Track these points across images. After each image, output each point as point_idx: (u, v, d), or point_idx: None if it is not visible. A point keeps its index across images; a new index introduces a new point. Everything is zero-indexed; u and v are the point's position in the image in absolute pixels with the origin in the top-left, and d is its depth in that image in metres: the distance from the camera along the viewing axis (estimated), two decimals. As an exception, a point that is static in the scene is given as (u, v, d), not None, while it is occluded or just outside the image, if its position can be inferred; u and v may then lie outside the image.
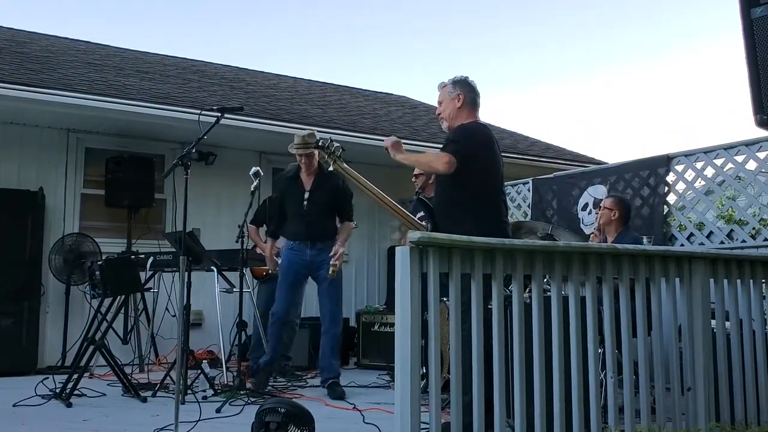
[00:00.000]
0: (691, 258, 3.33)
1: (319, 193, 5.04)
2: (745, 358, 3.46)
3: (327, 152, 4.01)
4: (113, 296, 5.20)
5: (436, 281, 2.59)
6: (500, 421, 2.67)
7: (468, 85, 3.90)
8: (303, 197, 5.02)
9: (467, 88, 3.89)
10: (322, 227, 5.05)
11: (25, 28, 9.32)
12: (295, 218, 5.07)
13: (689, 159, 5.63)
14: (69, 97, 6.09)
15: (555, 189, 6.93)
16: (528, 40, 39.77)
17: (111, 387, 5.10)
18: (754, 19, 3.03)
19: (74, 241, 6.44)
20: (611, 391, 3.08)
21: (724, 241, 5.35)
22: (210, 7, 35.73)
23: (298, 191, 5.07)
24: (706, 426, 3.15)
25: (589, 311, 2.97)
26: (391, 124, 8.79)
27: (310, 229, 5.01)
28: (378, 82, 42.75)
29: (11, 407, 4.36)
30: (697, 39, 41.02)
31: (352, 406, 4.49)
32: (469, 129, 3.79)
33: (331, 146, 4.01)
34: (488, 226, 3.55)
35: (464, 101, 3.85)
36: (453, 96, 3.87)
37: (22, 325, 6.04)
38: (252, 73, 10.47)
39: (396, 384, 2.52)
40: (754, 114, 3.03)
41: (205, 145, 6.16)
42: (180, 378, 3.82)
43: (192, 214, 5.12)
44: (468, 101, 3.86)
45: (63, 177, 6.75)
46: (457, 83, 3.90)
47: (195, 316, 6.72)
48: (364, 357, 6.68)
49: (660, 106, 40.38)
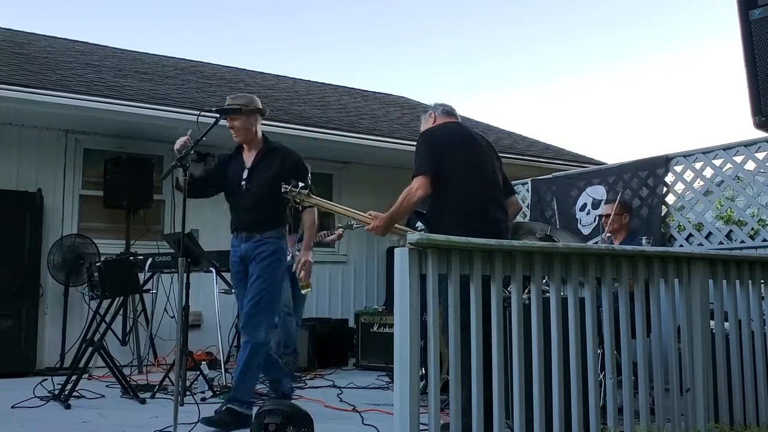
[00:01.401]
0: (690, 259, 3.33)
1: (260, 170, 4.05)
2: (744, 359, 3.46)
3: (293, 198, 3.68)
4: (112, 297, 5.19)
5: (435, 282, 2.59)
6: (499, 422, 2.67)
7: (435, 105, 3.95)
8: (241, 176, 4.08)
9: (434, 107, 3.94)
10: (262, 214, 3.99)
11: (23, 29, 9.32)
12: (232, 205, 4.17)
13: (688, 159, 5.64)
14: (67, 98, 6.08)
15: (554, 189, 6.93)
16: (527, 40, 39.81)
17: (110, 388, 5.09)
18: (752, 20, 3.03)
19: (73, 243, 6.44)
20: (610, 392, 3.08)
21: (723, 241, 5.35)
22: (209, 7, 35.75)
23: (236, 170, 4.14)
24: (705, 427, 3.15)
25: (588, 312, 2.97)
26: (390, 125, 8.79)
27: (247, 218, 4.02)
28: (377, 83, 42.77)
29: (10, 409, 4.35)
30: (696, 40, 41.06)
31: (351, 407, 4.49)
32: (424, 136, 3.74)
33: (293, 192, 3.66)
34: (464, 223, 3.44)
35: (435, 117, 3.90)
36: (426, 119, 3.94)
37: (20, 327, 6.03)
38: (250, 74, 10.47)
39: (395, 385, 2.52)
40: (752, 115, 3.04)
41: (203, 146, 6.14)
42: (179, 379, 3.81)
43: (190, 215, 5.12)
44: (438, 115, 3.90)
45: (61, 178, 6.75)
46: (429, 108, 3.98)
47: (194, 318, 6.72)
48: (363, 358, 6.67)
49: (659, 107, 40.43)
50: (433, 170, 3.51)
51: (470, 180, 3.60)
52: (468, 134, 3.79)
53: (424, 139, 3.68)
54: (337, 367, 6.57)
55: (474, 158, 3.68)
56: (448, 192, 3.55)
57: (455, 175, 3.57)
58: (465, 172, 3.60)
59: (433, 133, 3.73)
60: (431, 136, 3.71)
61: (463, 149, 3.66)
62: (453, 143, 3.66)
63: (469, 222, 3.47)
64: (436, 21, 36.56)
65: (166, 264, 6.00)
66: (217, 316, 5.72)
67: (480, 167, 3.69)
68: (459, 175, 3.57)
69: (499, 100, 38.65)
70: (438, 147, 3.60)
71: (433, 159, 3.55)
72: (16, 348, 5.97)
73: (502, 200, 3.74)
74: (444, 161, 3.55)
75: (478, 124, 10.92)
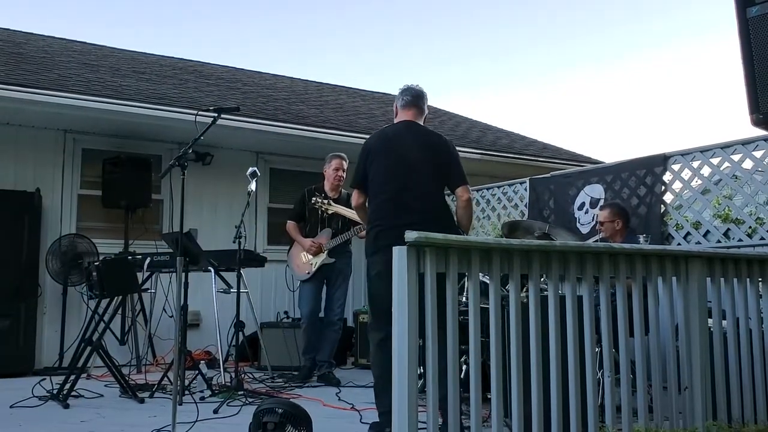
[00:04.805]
0: (688, 257, 3.33)
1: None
2: (742, 357, 3.47)
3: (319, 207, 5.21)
4: (110, 297, 5.19)
5: (433, 281, 2.59)
6: (497, 420, 2.67)
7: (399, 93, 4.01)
8: None
9: (397, 97, 4.02)
10: None
11: (21, 29, 9.32)
12: None
13: (686, 158, 5.64)
14: (65, 98, 6.08)
15: (552, 188, 6.93)
16: (526, 39, 39.80)
17: (108, 388, 5.09)
18: (749, 18, 3.03)
19: (71, 242, 6.43)
20: (608, 391, 3.08)
21: (720, 240, 5.35)
22: (208, 7, 35.71)
23: None
24: (703, 425, 3.15)
25: (586, 310, 2.98)
26: (389, 124, 8.78)
27: None
28: (376, 83, 42.76)
29: (8, 408, 4.35)
30: (693, 38, 41.09)
31: (350, 406, 4.49)
32: (361, 149, 3.91)
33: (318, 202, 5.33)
34: (371, 229, 3.72)
35: (396, 110, 4.02)
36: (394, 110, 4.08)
37: (19, 326, 6.03)
38: (249, 74, 10.46)
39: (393, 384, 2.52)
40: (750, 113, 3.04)
41: (201, 146, 6.17)
42: (177, 379, 3.81)
43: (189, 215, 5.12)
44: (399, 107, 4.00)
45: (60, 178, 6.74)
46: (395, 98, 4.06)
47: (192, 317, 6.72)
48: (362, 357, 6.67)
49: (657, 105, 40.45)
50: (357, 182, 3.83)
51: (379, 186, 3.77)
52: (394, 137, 3.86)
53: (360, 154, 3.90)
54: (336, 366, 6.57)
55: (387, 162, 3.77)
56: (369, 200, 3.82)
57: (372, 185, 3.79)
58: (376, 179, 3.77)
59: (365, 144, 3.92)
60: (363, 147, 3.92)
61: (377, 163, 3.79)
62: (376, 151, 3.81)
63: (374, 227, 3.74)
64: (435, 21, 36.57)
65: (164, 263, 6.01)
66: (215, 316, 5.72)
67: (391, 169, 3.76)
68: (372, 184, 3.79)
69: (498, 100, 38.67)
70: (364, 161, 3.83)
71: (361, 171, 3.81)
72: (14, 347, 5.97)
73: (415, 198, 3.70)
74: (368, 171, 3.79)
75: (475, 124, 10.93)
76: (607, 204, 5.40)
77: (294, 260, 5.73)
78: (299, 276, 5.66)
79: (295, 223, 5.76)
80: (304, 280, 5.63)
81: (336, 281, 5.68)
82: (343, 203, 5.55)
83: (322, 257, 5.56)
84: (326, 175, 5.76)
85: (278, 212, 7.55)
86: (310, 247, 5.56)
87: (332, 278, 5.67)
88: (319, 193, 5.65)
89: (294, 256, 5.74)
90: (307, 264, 5.60)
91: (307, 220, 5.71)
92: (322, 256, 5.56)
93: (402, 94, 3.96)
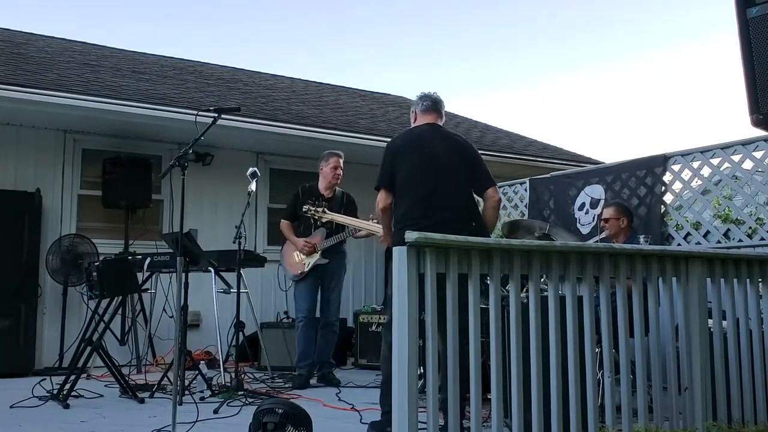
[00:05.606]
0: (688, 257, 3.33)
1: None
2: (742, 358, 3.47)
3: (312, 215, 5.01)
4: (110, 297, 5.19)
5: (434, 281, 2.58)
6: (497, 420, 2.67)
7: (417, 99, 4.02)
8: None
9: (416, 102, 4.02)
10: None
11: (21, 29, 9.32)
12: None
13: (686, 159, 5.64)
14: (65, 98, 6.08)
15: (552, 189, 6.94)
16: (525, 39, 39.79)
17: (108, 388, 5.09)
18: (749, 19, 3.04)
19: (71, 242, 6.44)
20: (608, 391, 3.08)
21: (720, 240, 5.36)
22: (208, 7, 35.71)
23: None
24: (703, 425, 3.15)
25: (587, 311, 2.98)
26: (388, 125, 8.79)
27: None
28: (376, 82, 42.76)
29: (8, 408, 4.35)
30: (693, 38, 41.08)
31: (350, 406, 4.49)
32: (385, 150, 3.88)
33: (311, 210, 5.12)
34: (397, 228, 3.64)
35: (416, 114, 4.02)
36: (411, 115, 4.07)
37: (19, 326, 6.03)
38: (248, 74, 10.46)
39: (393, 384, 2.52)
40: (750, 114, 3.04)
41: (201, 146, 6.17)
42: (177, 379, 3.81)
43: (189, 215, 5.12)
44: (419, 112, 4.00)
45: (60, 178, 6.75)
46: (413, 103, 4.05)
47: (192, 317, 6.73)
48: (362, 357, 6.68)
49: (657, 106, 40.45)
50: (385, 182, 3.74)
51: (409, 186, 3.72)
52: (422, 137, 3.84)
53: (386, 153, 3.86)
54: (336, 366, 6.57)
55: (415, 162, 3.75)
56: (396, 200, 3.75)
57: (401, 184, 3.73)
58: (408, 179, 3.73)
59: (394, 142, 3.90)
60: (388, 147, 3.88)
61: (407, 162, 3.76)
62: (405, 152, 3.79)
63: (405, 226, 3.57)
64: (435, 21, 36.56)
65: (164, 263, 6.01)
66: (215, 316, 5.72)
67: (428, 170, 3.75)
68: (402, 183, 3.73)
69: (498, 100, 38.65)
70: (393, 158, 3.78)
71: (389, 169, 3.75)
72: (14, 348, 5.96)
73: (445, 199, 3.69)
74: (400, 171, 3.73)
75: (476, 124, 10.93)
76: (612, 202, 5.40)
77: (287, 259, 5.65)
78: (291, 275, 5.60)
79: (288, 223, 5.66)
80: (297, 280, 5.57)
81: (331, 283, 5.59)
82: (337, 203, 5.51)
83: (316, 257, 5.49)
84: (322, 173, 5.64)
85: (278, 212, 7.51)
86: (303, 246, 5.49)
87: (327, 280, 5.58)
88: (313, 193, 5.57)
89: (287, 254, 5.66)
90: (300, 263, 5.53)
91: (301, 219, 5.59)
92: (315, 256, 5.49)
93: (421, 100, 3.99)
